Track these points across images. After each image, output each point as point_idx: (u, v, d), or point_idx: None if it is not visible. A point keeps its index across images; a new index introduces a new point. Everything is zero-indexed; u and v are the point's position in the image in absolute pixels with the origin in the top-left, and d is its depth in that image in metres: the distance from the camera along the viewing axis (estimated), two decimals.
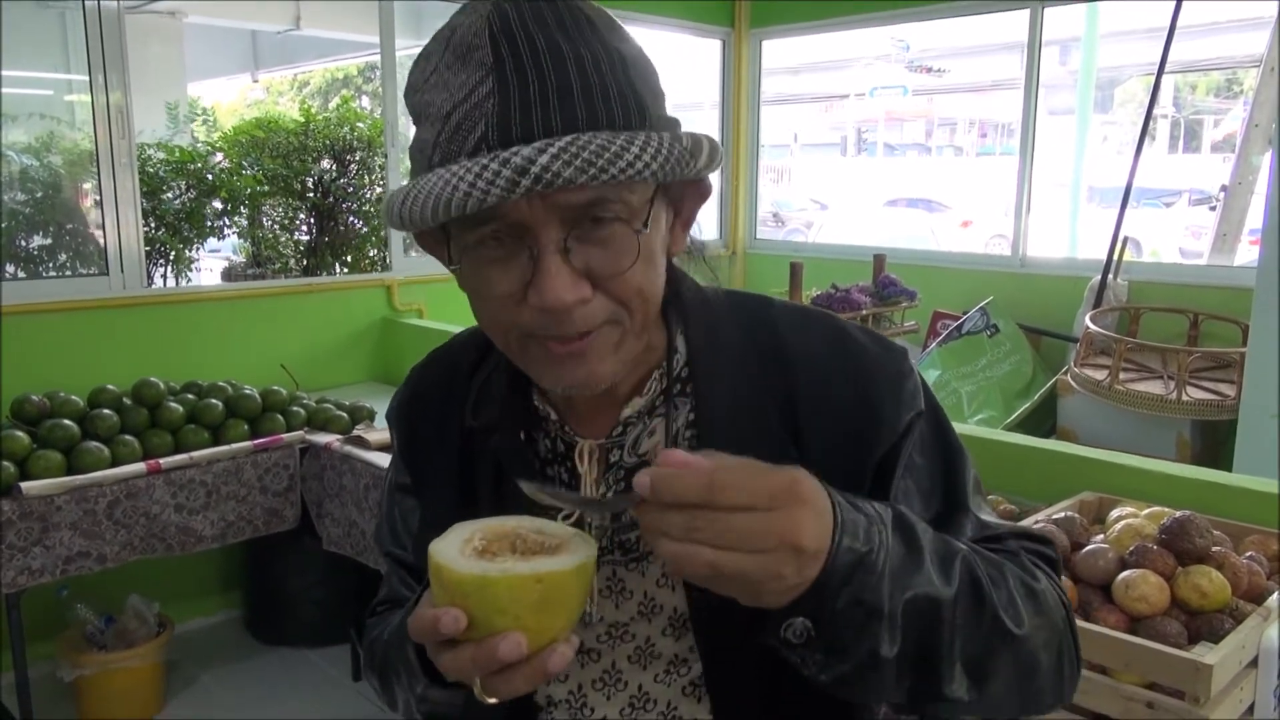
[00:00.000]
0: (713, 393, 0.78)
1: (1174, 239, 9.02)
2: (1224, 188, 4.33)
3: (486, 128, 0.63)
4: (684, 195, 0.75)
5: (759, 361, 0.79)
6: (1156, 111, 4.17)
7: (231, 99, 9.08)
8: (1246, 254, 4.43)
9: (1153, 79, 4.14)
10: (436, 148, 0.65)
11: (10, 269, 3.23)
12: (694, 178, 0.69)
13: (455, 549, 0.63)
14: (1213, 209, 5.51)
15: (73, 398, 2.70)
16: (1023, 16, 4.32)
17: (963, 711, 0.68)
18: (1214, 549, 1.61)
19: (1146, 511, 1.79)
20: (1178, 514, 1.65)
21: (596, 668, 0.82)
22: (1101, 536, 1.74)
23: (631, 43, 0.68)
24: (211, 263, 5.07)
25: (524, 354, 0.71)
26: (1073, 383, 3.66)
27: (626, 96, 0.65)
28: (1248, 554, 1.67)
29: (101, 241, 3.21)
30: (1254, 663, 1.49)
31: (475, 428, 0.83)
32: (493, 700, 0.63)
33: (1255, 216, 3.94)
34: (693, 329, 0.80)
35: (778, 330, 0.80)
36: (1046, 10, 4.27)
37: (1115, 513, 1.84)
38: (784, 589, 0.58)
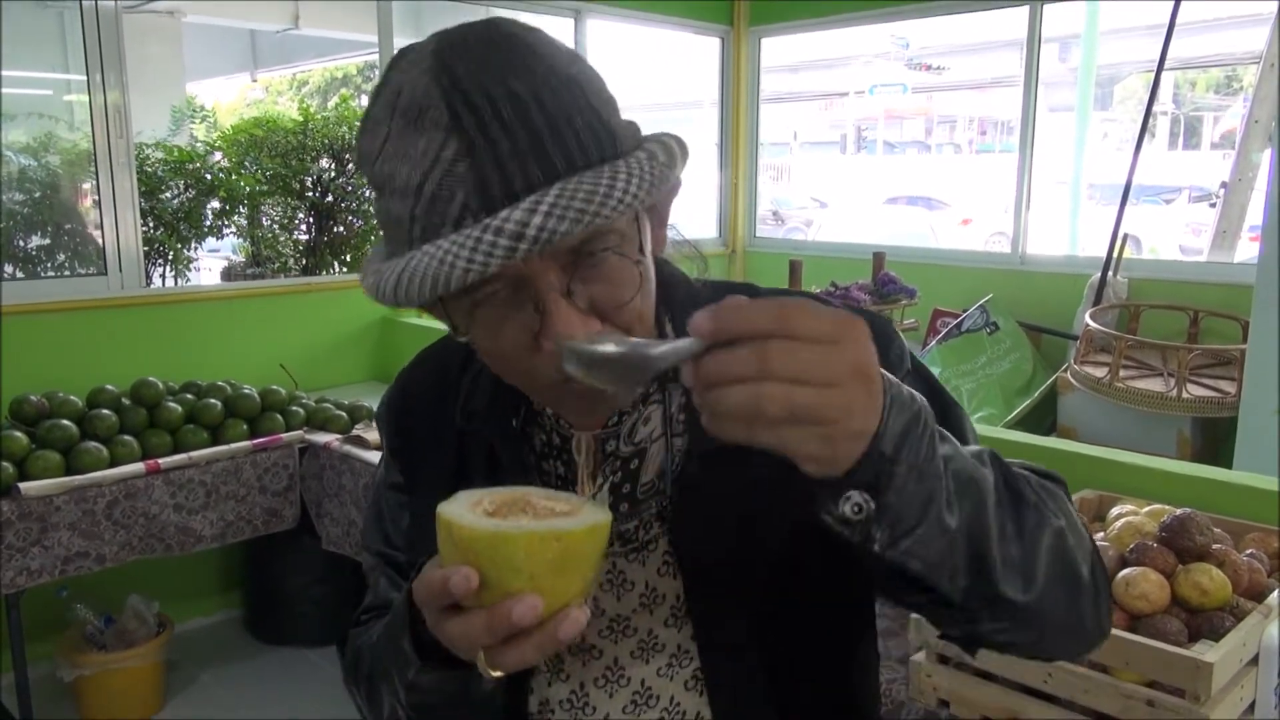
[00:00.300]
0: None
1: (1174, 236, 9.01)
2: (1224, 184, 4.32)
3: (466, 195, 0.61)
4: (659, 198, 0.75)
5: None
6: (1156, 108, 4.17)
7: (231, 99, 9.07)
8: (1246, 251, 4.42)
9: (1152, 75, 4.14)
10: (415, 221, 0.63)
11: (8, 269, 3.23)
12: (674, 187, 0.68)
13: (466, 507, 0.61)
14: (1213, 206, 5.51)
15: (71, 398, 2.69)
16: (1022, 13, 4.32)
17: (1017, 617, 0.64)
18: (1214, 547, 1.61)
19: (1147, 509, 1.79)
20: (1178, 511, 1.65)
21: (599, 665, 0.81)
22: (1101, 534, 1.73)
23: (576, 61, 0.66)
24: (211, 262, 5.06)
25: (544, 394, 0.73)
26: (1073, 380, 3.65)
27: (595, 128, 0.63)
28: (1248, 551, 1.67)
29: (100, 241, 3.21)
30: (1254, 661, 1.48)
31: (468, 426, 0.83)
32: (497, 674, 0.61)
33: (1255, 213, 3.93)
34: (678, 314, 0.80)
35: None
36: (1046, 7, 4.27)
37: (1115, 510, 1.83)
38: (853, 433, 0.52)
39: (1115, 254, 3.94)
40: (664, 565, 0.79)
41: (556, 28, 4.53)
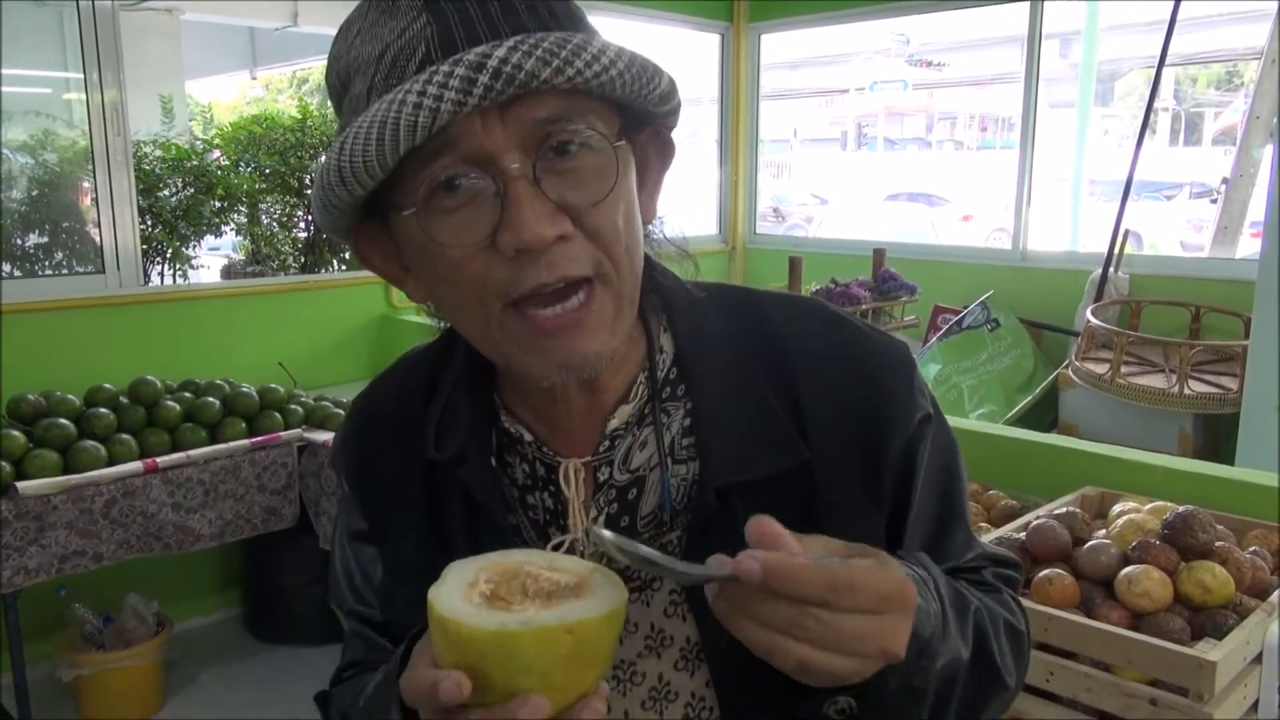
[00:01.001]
0: (709, 392, 0.70)
1: (1175, 232, 8.99)
2: (1225, 180, 4.30)
3: (429, 47, 0.56)
4: (647, 154, 0.68)
5: (753, 354, 0.72)
6: (1157, 104, 4.15)
7: (231, 97, 9.06)
8: (1248, 247, 4.41)
9: (1153, 72, 4.12)
10: (372, 90, 0.57)
11: (6, 268, 3.22)
12: (658, 104, 0.62)
13: (459, 597, 0.54)
14: (1213, 202, 5.49)
15: (69, 397, 2.68)
16: (1023, 9, 4.30)
17: None
18: (1217, 544, 1.60)
19: (1149, 506, 1.78)
20: (1180, 509, 1.64)
21: None
22: (1104, 532, 1.72)
23: None
24: (212, 260, 5.05)
25: (506, 337, 0.62)
26: (1074, 377, 3.64)
27: (574, 15, 0.60)
28: (1251, 549, 1.66)
29: (98, 239, 3.20)
30: (1258, 659, 1.47)
31: (439, 460, 0.72)
32: None
33: (1256, 209, 3.92)
34: (679, 323, 0.72)
35: (769, 319, 0.73)
36: (1046, 4, 4.25)
37: (1117, 508, 1.83)
38: (860, 672, 0.54)
39: (1117, 250, 3.93)
40: (671, 606, 0.71)
41: None
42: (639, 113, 0.64)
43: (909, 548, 0.72)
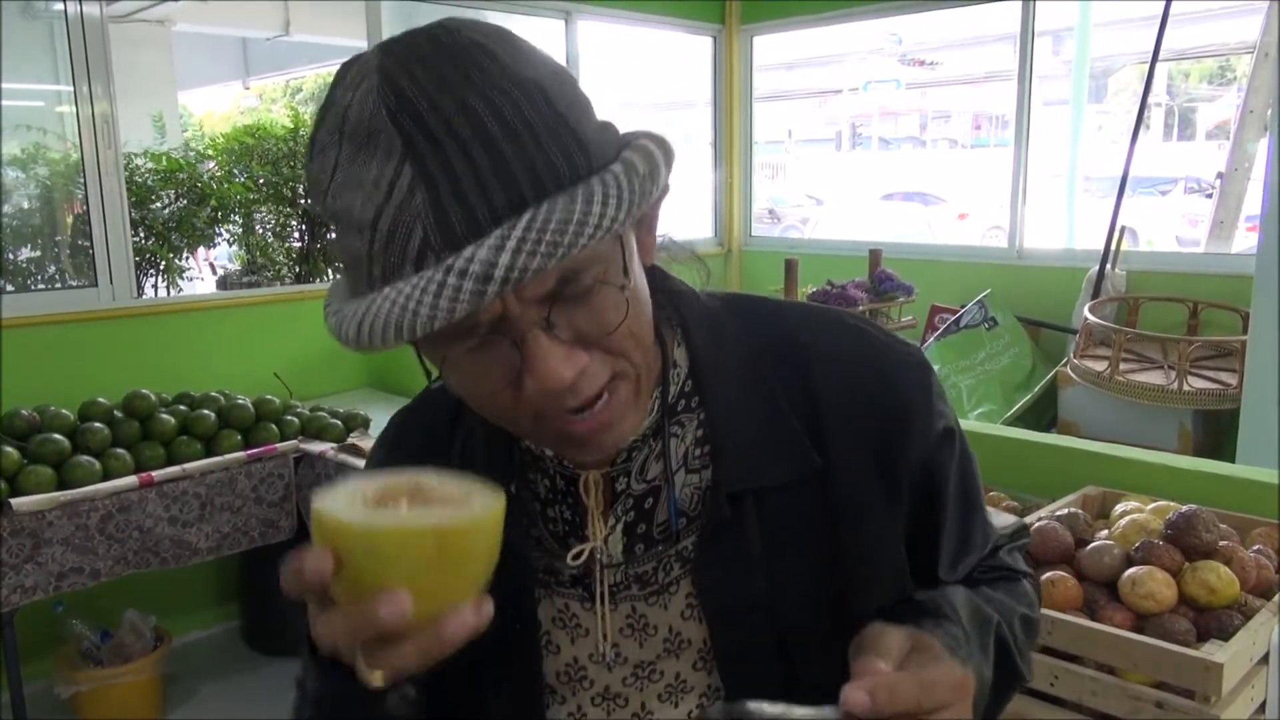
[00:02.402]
0: (723, 401, 0.72)
1: (1170, 227, 9.00)
2: (1220, 175, 4.30)
3: (425, 231, 0.54)
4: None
5: (769, 362, 0.73)
6: (1150, 99, 4.13)
7: (224, 106, 9.05)
8: (1244, 241, 4.40)
9: (1146, 68, 4.12)
10: (373, 261, 0.57)
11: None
12: (660, 193, 0.62)
13: (344, 499, 0.55)
14: (1208, 197, 5.49)
15: (63, 411, 2.67)
16: (1015, 8, 4.30)
17: None
18: (1221, 544, 1.59)
19: (1151, 506, 1.77)
20: (1183, 508, 1.63)
21: (625, 712, 0.76)
22: (1106, 532, 1.71)
23: (537, 61, 0.58)
24: (207, 271, 5.05)
25: (541, 435, 0.67)
26: (1073, 374, 3.63)
27: (564, 142, 0.56)
28: (1255, 547, 1.65)
29: (90, 252, 3.18)
30: (1264, 659, 1.46)
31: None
32: (376, 679, 0.54)
33: (1252, 203, 3.91)
34: (694, 334, 0.73)
35: (786, 327, 0.75)
36: (1039, 1, 4.25)
37: (1119, 508, 1.81)
38: None
39: (1113, 247, 3.93)
40: (688, 608, 0.74)
41: (547, 29, 4.50)
42: None
43: (942, 558, 0.77)
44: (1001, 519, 0.84)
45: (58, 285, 3.29)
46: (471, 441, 0.77)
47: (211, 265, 4.87)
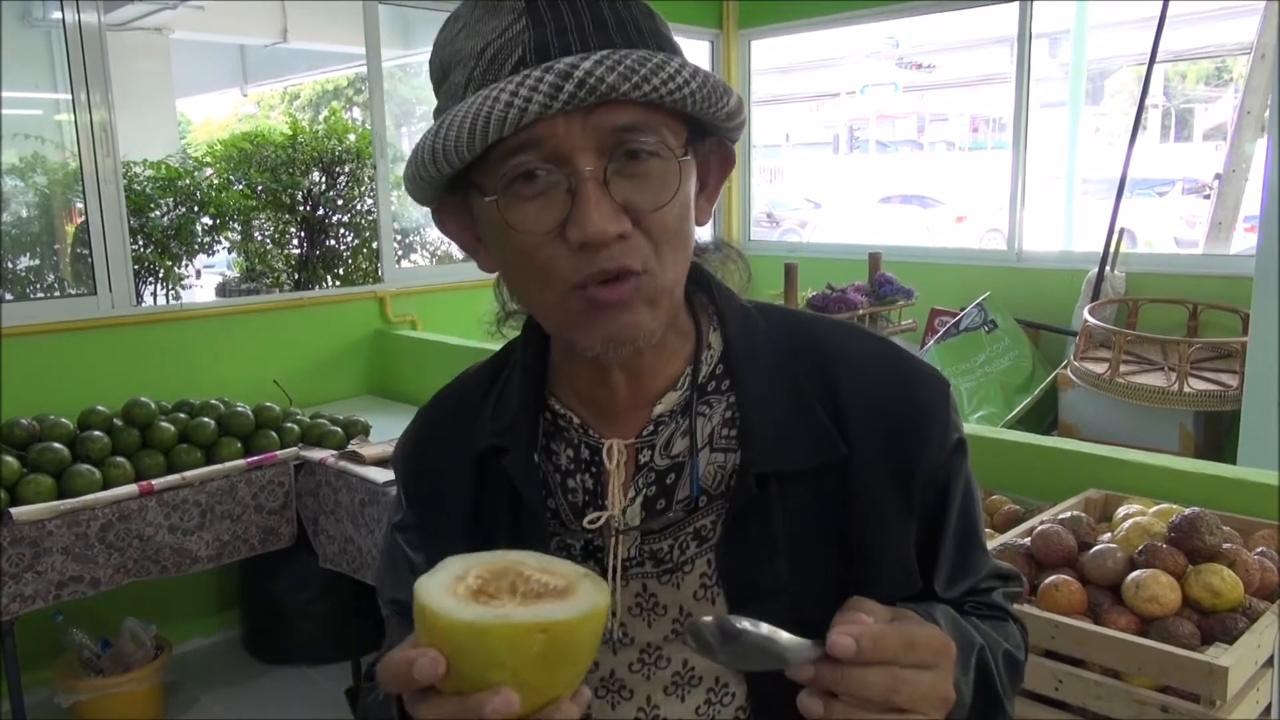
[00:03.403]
0: (753, 385, 0.74)
1: (1168, 228, 9.01)
2: (1218, 176, 4.31)
3: (525, 51, 0.62)
4: (710, 162, 0.74)
5: (797, 357, 0.76)
6: (1147, 101, 4.14)
7: (223, 114, 9.05)
8: (1242, 242, 4.41)
9: (1143, 69, 4.12)
10: (470, 82, 0.64)
11: None
12: (725, 120, 0.68)
13: (444, 588, 0.55)
14: (1206, 198, 5.50)
15: (62, 420, 2.66)
16: (1012, 10, 4.30)
17: None
18: (1225, 546, 1.58)
19: (1154, 509, 1.77)
20: (1186, 511, 1.62)
21: (630, 705, 0.75)
22: (1109, 536, 1.71)
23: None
24: (206, 278, 5.04)
25: (566, 313, 0.68)
26: (1073, 376, 3.63)
27: (659, 33, 0.66)
28: (1258, 550, 1.64)
29: (89, 261, 3.18)
30: (1269, 662, 1.46)
31: (487, 449, 0.77)
32: None
33: (1250, 204, 3.92)
34: (729, 324, 0.77)
35: (812, 331, 0.78)
36: (1036, 3, 4.25)
37: (1122, 510, 1.81)
38: None
39: (1112, 249, 3.93)
40: (702, 589, 0.74)
41: None
42: (705, 124, 0.70)
43: (940, 569, 0.77)
44: (994, 561, 0.85)
45: (57, 294, 3.28)
46: (502, 409, 0.78)
47: (197, 271, 4.83)
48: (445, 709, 0.55)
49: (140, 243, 3.69)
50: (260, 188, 4.10)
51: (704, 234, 0.77)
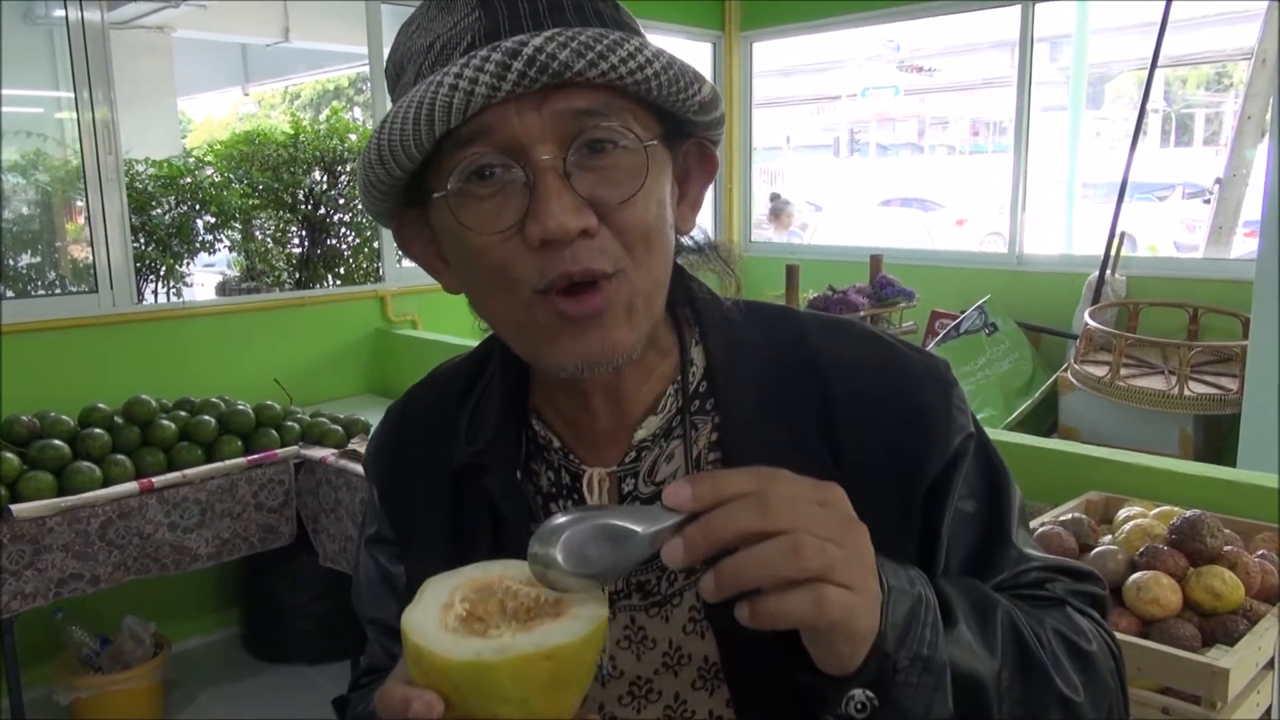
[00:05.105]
0: (739, 406, 0.69)
1: (1169, 233, 9.02)
2: (1218, 181, 4.31)
3: (474, 36, 0.58)
4: (689, 166, 0.69)
5: (787, 369, 0.71)
6: (1148, 106, 4.14)
7: (224, 113, 9.05)
8: (1242, 246, 4.41)
9: (1144, 74, 4.13)
10: (419, 76, 0.60)
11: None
12: (698, 112, 0.63)
13: (435, 621, 0.52)
14: (1206, 202, 5.50)
15: (63, 417, 2.66)
16: (1013, 13, 4.31)
17: None
18: (1225, 549, 1.58)
19: (1155, 511, 1.77)
20: (1187, 513, 1.62)
21: None
22: (1110, 538, 1.71)
23: None
24: (206, 277, 5.03)
25: (533, 326, 0.62)
26: (1073, 380, 3.63)
27: (620, 19, 0.61)
28: (1259, 552, 1.65)
29: (90, 258, 3.18)
30: (1270, 664, 1.46)
31: (467, 465, 0.73)
32: None
33: (1250, 209, 3.92)
34: (711, 337, 0.71)
35: (805, 336, 0.72)
36: (1037, 7, 4.26)
37: (1123, 513, 1.81)
38: (866, 608, 0.51)
39: (1113, 252, 3.93)
40: (690, 623, 0.70)
41: None
42: (680, 121, 0.64)
43: (946, 569, 0.71)
44: (1070, 562, 0.76)
45: (58, 291, 3.28)
46: (481, 425, 0.74)
47: (182, 275, 4.79)
48: None
49: (141, 241, 3.69)
50: (261, 186, 4.10)
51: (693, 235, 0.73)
